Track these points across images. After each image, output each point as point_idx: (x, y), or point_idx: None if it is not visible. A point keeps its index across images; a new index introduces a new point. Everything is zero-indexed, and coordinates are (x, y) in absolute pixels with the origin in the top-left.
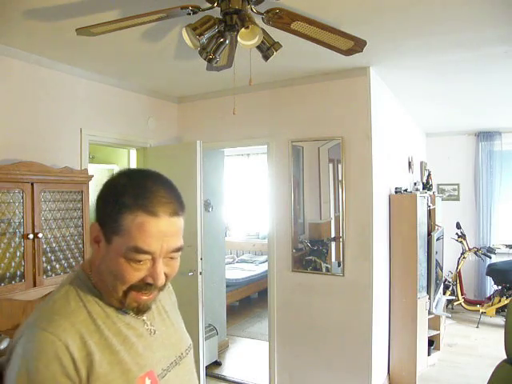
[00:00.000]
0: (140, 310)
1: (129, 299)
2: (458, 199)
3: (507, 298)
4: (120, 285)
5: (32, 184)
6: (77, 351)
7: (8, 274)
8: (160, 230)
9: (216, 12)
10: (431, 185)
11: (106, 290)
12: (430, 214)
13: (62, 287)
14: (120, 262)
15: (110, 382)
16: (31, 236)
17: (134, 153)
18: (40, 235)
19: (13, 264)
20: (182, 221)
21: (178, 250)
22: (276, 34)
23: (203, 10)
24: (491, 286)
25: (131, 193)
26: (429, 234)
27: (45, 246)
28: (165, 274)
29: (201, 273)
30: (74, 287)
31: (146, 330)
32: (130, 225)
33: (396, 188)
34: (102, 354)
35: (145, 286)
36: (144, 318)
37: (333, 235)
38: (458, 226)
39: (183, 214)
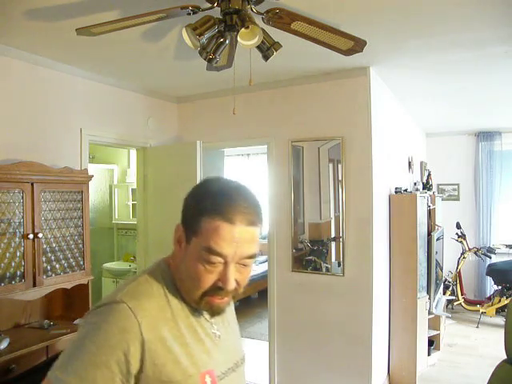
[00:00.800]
0: (214, 312)
1: (203, 302)
2: (457, 199)
3: (507, 297)
4: (195, 290)
5: (32, 184)
6: (147, 332)
7: (8, 273)
8: (234, 236)
9: (216, 12)
10: (431, 185)
11: (184, 288)
12: (430, 214)
13: (146, 273)
14: (195, 262)
15: (174, 370)
16: (31, 236)
17: (133, 153)
18: (40, 235)
19: (13, 264)
20: (258, 230)
21: (250, 257)
22: (276, 34)
23: (203, 9)
24: (491, 286)
25: (213, 199)
26: (429, 234)
27: (45, 246)
28: (236, 281)
29: None
30: (157, 275)
31: (212, 332)
32: (207, 227)
33: (396, 188)
34: (173, 341)
35: (216, 290)
36: (212, 321)
37: (333, 235)
38: (458, 226)
39: (260, 225)
